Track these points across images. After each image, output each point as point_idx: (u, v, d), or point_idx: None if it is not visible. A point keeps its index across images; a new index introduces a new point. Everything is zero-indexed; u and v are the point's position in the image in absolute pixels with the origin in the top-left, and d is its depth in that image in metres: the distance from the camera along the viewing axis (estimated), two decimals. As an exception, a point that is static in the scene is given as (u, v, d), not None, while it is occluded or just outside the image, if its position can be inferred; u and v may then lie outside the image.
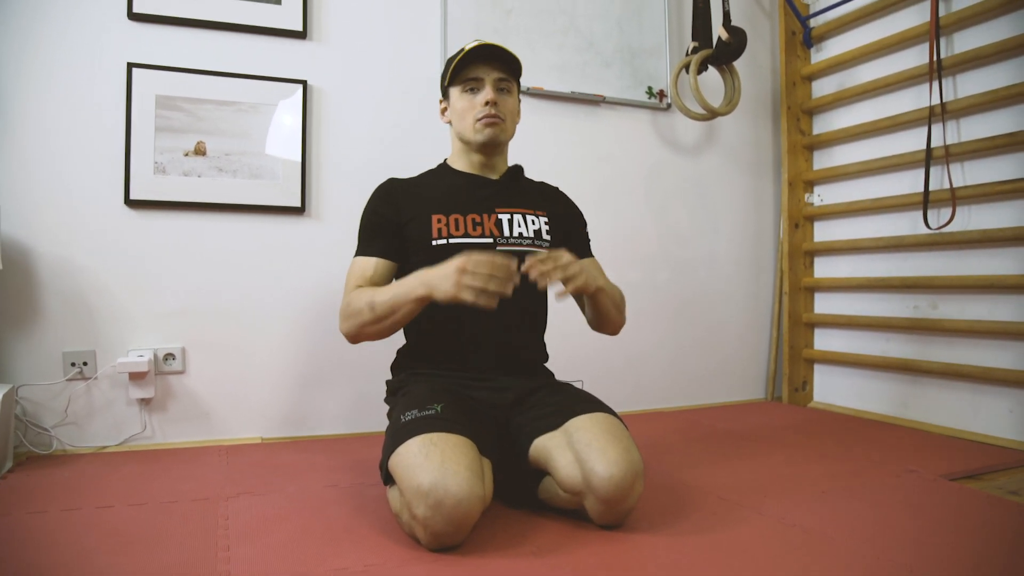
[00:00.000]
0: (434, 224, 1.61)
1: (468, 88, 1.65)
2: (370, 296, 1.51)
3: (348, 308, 1.55)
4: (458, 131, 1.69)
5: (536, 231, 1.69)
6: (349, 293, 1.59)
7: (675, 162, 2.93)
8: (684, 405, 2.91)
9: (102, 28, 2.13)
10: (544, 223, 1.72)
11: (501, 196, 1.70)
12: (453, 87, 1.68)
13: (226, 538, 1.38)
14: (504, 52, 1.64)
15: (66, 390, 2.10)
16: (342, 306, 1.58)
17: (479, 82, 1.64)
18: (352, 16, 2.42)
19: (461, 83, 1.66)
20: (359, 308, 1.52)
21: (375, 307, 1.50)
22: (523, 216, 1.68)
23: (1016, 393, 2.23)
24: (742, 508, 1.58)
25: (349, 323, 1.56)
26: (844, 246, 2.85)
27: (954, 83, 2.43)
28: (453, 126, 1.72)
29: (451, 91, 1.69)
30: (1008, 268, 2.27)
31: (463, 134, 1.68)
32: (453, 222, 1.62)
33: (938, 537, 1.40)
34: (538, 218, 1.71)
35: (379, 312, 1.50)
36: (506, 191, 1.71)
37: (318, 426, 2.35)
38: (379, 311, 1.50)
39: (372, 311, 1.50)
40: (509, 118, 1.68)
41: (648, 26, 2.85)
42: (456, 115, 1.69)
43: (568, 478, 1.41)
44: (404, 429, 1.39)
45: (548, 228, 1.72)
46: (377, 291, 1.53)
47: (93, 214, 2.12)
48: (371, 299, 1.51)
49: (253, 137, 2.27)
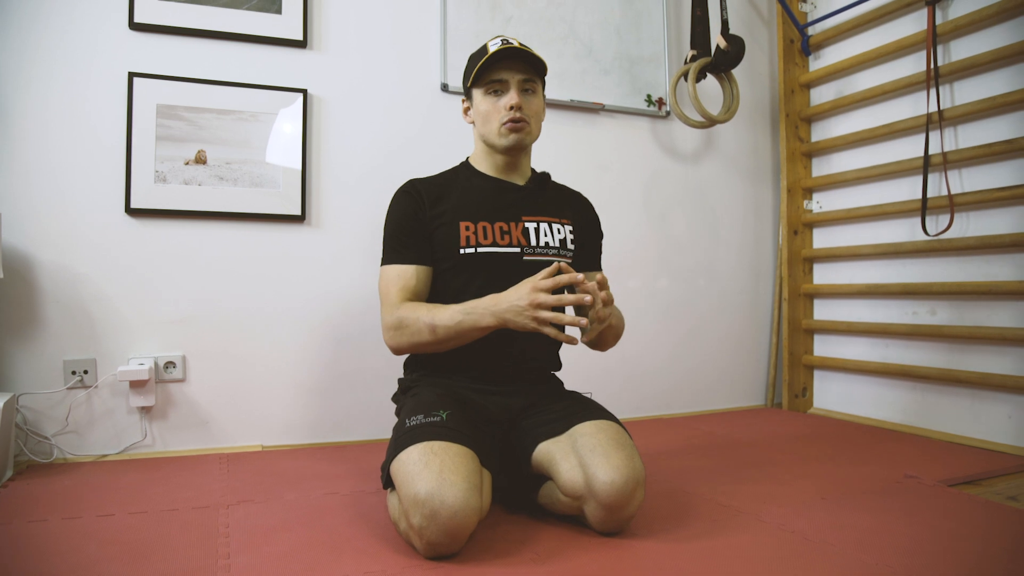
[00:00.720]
0: (462, 232, 1.59)
1: (492, 90, 1.62)
2: (430, 318, 1.49)
3: (403, 324, 1.52)
4: (482, 134, 1.66)
5: (561, 240, 1.68)
6: (395, 305, 1.55)
7: (674, 170, 2.94)
8: (684, 412, 2.91)
9: (103, 37, 2.14)
10: (569, 232, 1.71)
11: (527, 203, 1.68)
12: (476, 88, 1.64)
13: (226, 546, 1.38)
14: (529, 54, 1.60)
15: (67, 398, 2.10)
16: (391, 320, 1.54)
17: (503, 84, 1.60)
18: (352, 25, 2.44)
19: (485, 84, 1.62)
20: (418, 328, 1.50)
21: (437, 330, 1.48)
22: (549, 225, 1.67)
23: (1015, 399, 2.24)
24: (742, 515, 1.58)
25: (403, 340, 1.53)
26: (843, 253, 2.86)
27: (951, 90, 2.44)
28: (476, 127, 1.68)
29: (474, 92, 1.65)
30: (1006, 274, 2.27)
31: (487, 137, 1.65)
32: (481, 230, 1.60)
33: (937, 543, 1.41)
34: (563, 227, 1.70)
35: (441, 336, 1.49)
36: (532, 198, 1.69)
37: (318, 434, 2.36)
38: (441, 335, 1.49)
39: (433, 334, 1.49)
40: (534, 120, 1.65)
41: (647, 34, 2.86)
42: (480, 117, 1.65)
43: (570, 482, 1.41)
44: (408, 435, 1.39)
45: (573, 237, 1.72)
46: (436, 312, 1.49)
47: (94, 223, 2.13)
48: (432, 321, 1.48)
49: (253, 146, 2.28)
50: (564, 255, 1.67)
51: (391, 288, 1.58)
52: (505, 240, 1.61)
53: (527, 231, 1.64)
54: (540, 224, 1.66)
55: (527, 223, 1.64)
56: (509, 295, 1.42)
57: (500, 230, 1.61)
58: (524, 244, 1.62)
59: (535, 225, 1.65)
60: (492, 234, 1.60)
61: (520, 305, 1.39)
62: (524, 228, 1.64)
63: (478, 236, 1.59)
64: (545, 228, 1.66)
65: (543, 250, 1.64)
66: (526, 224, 1.64)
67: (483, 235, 1.60)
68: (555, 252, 1.66)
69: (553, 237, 1.66)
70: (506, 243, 1.60)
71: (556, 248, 1.66)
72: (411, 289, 1.57)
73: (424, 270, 1.60)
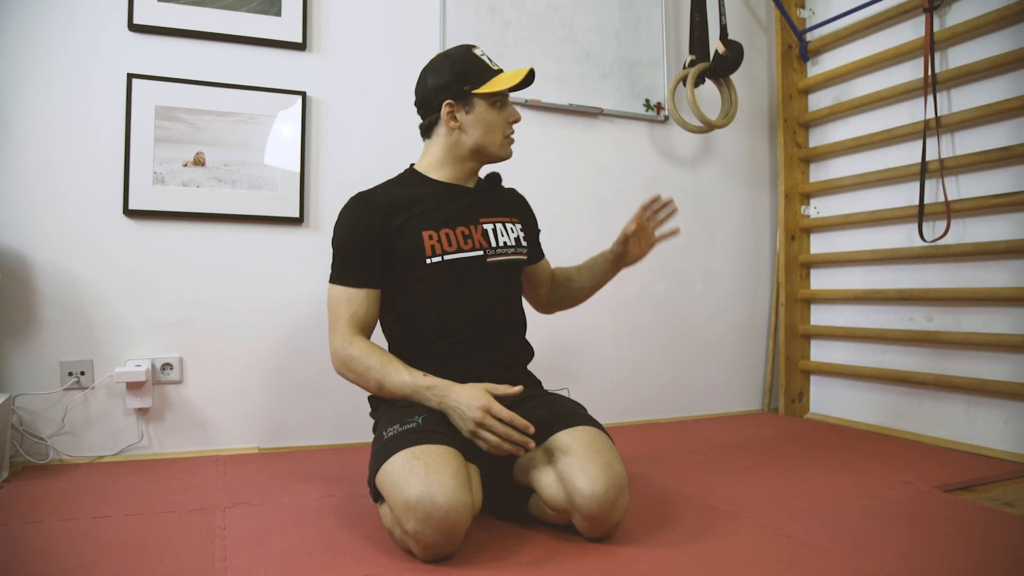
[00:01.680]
0: (426, 241, 1.58)
1: (496, 103, 1.65)
2: (380, 376, 1.52)
3: (352, 367, 1.55)
4: (480, 143, 1.64)
5: (516, 239, 1.72)
6: (346, 336, 1.56)
7: (672, 174, 2.95)
8: (681, 416, 2.91)
9: (102, 39, 2.15)
10: (520, 230, 1.75)
11: (481, 205, 1.70)
12: (482, 99, 1.64)
13: (223, 549, 1.38)
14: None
15: (63, 400, 2.10)
16: (342, 354, 1.56)
17: (504, 98, 1.67)
18: (351, 28, 2.44)
19: (494, 96, 1.64)
20: (366, 378, 1.55)
21: (383, 389, 1.54)
22: (503, 225, 1.70)
23: (1010, 405, 2.24)
24: (737, 519, 1.58)
25: (349, 377, 1.58)
26: (840, 258, 2.87)
27: (948, 97, 2.45)
28: (468, 134, 1.65)
29: (478, 101, 1.64)
30: (1002, 280, 2.28)
31: (486, 147, 1.65)
32: (444, 237, 1.60)
33: (932, 548, 1.41)
34: (515, 226, 1.74)
35: (386, 394, 1.55)
36: (484, 199, 1.72)
37: (314, 436, 2.35)
38: (386, 394, 1.55)
39: (379, 390, 1.55)
40: None
41: (646, 39, 2.87)
42: (483, 127, 1.64)
43: (552, 497, 1.42)
44: (387, 446, 1.40)
45: (524, 235, 1.76)
46: (387, 371, 1.52)
47: (92, 224, 2.13)
48: (380, 380, 1.53)
49: (252, 148, 2.28)
50: (520, 253, 1.72)
51: (340, 312, 1.58)
52: (468, 244, 1.62)
53: (487, 233, 1.66)
54: (496, 225, 1.69)
55: (485, 224, 1.67)
56: (462, 396, 1.44)
57: (462, 234, 1.62)
58: (486, 246, 1.64)
59: (492, 226, 1.68)
60: (456, 240, 1.61)
61: (468, 415, 1.41)
62: (483, 230, 1.65)
63: (443, 244, 1.60)
64: (501, 228, 1.69)
65: (503, 250, 1.67)
66: (484, 226, 1.66)
67: (447, 242, 1.60)
68: (512, 251, 1.69)
69: (509, 236, 1.70)
70: (469, 247, 1.62)
71: (513, 247, 1.70)
72: (360, 317, 1.59)
73: (373, 294, 1.61)
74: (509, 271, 1.70)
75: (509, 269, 1.70)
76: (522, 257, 1.73)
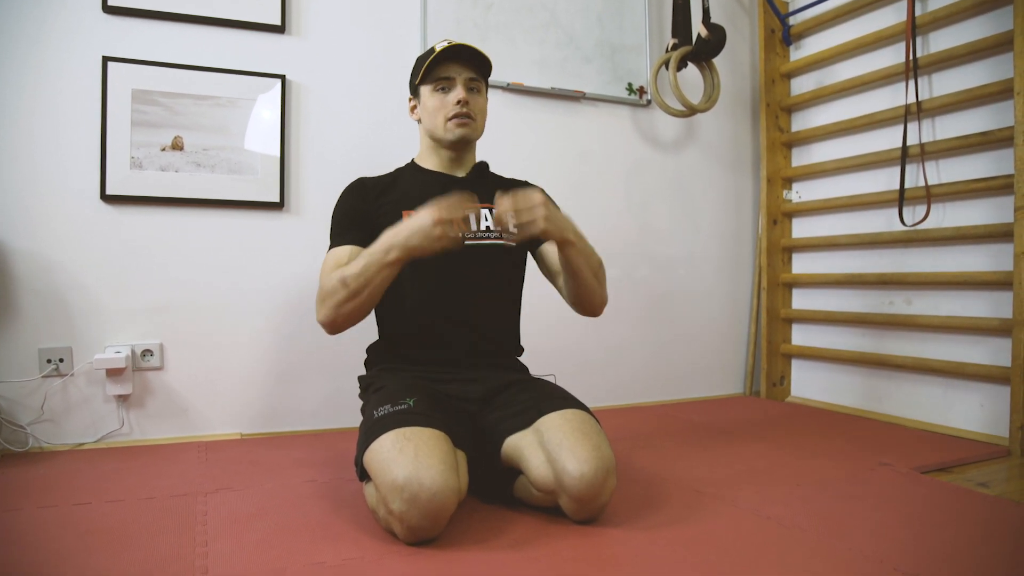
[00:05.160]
0: (405, 219, 1.56)
1: (439, 87, 1.67)
2: (340, 273, 1.49)
3: (322, 293, 1.53)
4: (428, 129, 1.71)
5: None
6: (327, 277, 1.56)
7: (655, 158, 2.95)
8: (663, 400, 2.93)
9: (77, 21, 2.10)
10: None
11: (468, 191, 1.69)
12: (424, 86, 1.70)
13: (204, 534, 1.38)
14: (475, 52, 1.66)
15: (42, 387, 2.08)
16: (326, 286, 1.53)
17: (450, 81, 1.67)
18: (331, 10, 2.41)
19: (432, 82, 1.68)
20: (333, 288, 1.49)
21: (347, 282, 1.47)
22: (489, 211, 1.71)
23: (987, 387, 2.27)
24: (718, 501, 1.59)
25: (325, 307, 1.52)
26: (822, 242, 2.88)
27: (929, 82, 2.46)
28: (423, 124, 1.74)
29: (422, 90, 1.71)
30: (981, 264, 2.30)
31: (434, 132, 1.70)
32: None
33: (910, 529, 1.43)
34: None
35: (353, 286, 1.47)
36: (473, 187, 1.70)
37: (297, 421, 2.35)
38: (352, 285, 1.47)
39: (345, 286, 1.47)
40: (479, 117, 1.72)
41: (628, 22, 2.86)
42: (427, 113, 1.70)
43: (540, 478, 1.42)
44: (377, 424, 1.40)
45: None
46: (347, 267, 1.50)
47: (69, 209, 2.10)
48: (342, 275, 1.48)
49: (231, 132, 2.26)
50: (506, 239, 1.70)
51: (325, 270, 1.58)
52: None
53: (467, 218, 1.64)
54: (481, 211, 1.70)
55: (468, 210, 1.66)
56: (410, 220, 1.43)
57: None
58: (465, 229, 1.63)
59: (475, 212, 1.67)
60: None
61: (425, 225, 1.39)
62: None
63: None
64: (486, 213, 1.70)
65: (484, 234, 1.69)
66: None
67: None
68: (496, 236, 1.69)
69: (493, 222, 1.69)
70: None
71: (497, 232, 1.70)
72: (343, 264, 1.56)
73: (359, 250, 1.58)
74: (493, 256, 1.70)
75: (492, 253, 1.70)
76: (508, 243, 1.72)
